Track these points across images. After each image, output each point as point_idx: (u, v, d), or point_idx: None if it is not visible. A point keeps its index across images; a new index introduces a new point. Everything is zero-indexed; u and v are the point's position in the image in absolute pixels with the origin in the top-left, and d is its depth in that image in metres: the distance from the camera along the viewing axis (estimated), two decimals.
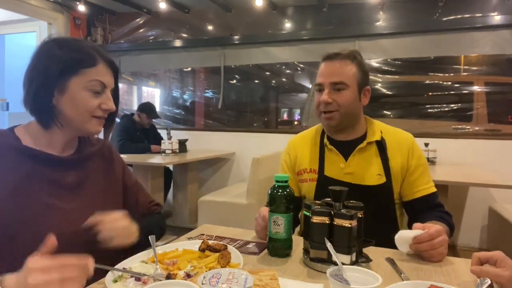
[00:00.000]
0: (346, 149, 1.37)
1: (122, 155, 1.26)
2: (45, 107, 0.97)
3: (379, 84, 3.96)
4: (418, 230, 1.02)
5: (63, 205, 0.97)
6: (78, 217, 0.98)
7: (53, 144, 1.01)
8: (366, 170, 1.34)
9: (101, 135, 1.14)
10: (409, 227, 1.37)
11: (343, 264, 0.82)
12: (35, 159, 0.96)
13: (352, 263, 0.93)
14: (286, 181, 1.04)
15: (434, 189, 1.37)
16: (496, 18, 3.43)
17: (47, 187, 0.96)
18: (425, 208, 1.33)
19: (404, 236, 1.03)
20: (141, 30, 4.87)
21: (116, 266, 0.89)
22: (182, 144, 4.00)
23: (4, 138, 0.96)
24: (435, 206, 1.34)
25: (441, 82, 3.78)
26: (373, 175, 1.33)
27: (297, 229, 1.47)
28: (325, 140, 1.40)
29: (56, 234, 0.72)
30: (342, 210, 0.95)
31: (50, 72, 0.94)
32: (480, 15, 3.51)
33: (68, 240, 0.81)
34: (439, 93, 3.80)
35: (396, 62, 3.90)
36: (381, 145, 1.36)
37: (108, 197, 1.10)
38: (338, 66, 1.33)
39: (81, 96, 0.96)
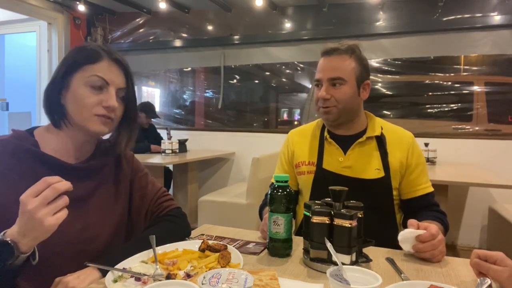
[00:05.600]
0: (346, 143, 1.37)
1: None
2: (54, 106, 0.98)
3: (379, 84, 3.96)
4: (420, 230, 1.02)
5: (70, 213, 0.96)
6: (83, 226, 0.99)
7: (67, 149, 1.01)
8: (364, 164, 1.34)
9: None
10: (403, 224, 1.38)
11: (343, 264, 0.82)
12: (49, 166, 0.96)
13: (352, 263, 0.93)
14: (286, 181, 1.03)
15: (432, 189, 1.38)
16: (496, 18, 3.43)
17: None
18: (423, 206, 1.34)
19: (407, 236, 1.03)
20: (141, 30, 4.87)
21: (116, 266, 0.89)
22: (182, 144, 4.00)
23: (22, 142, 0.96)
24: (432, 205, 1.35)
25: (441, 82, 3.78)
26: (371, 169, 1.33)
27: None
28: (326, 133, 1.40)
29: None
30: (342, 210, 0.95)
31: (58, 71, 0.97)
32: (480, 15, 3.51)
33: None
34: (439, 93, 3.80)
35: (396, 62, 3.90)
36: (380, 141, 1.36)
37: (115, 206, 1.09)
38: (336, 61, 1.32)
39: (80, 91, 0.96)
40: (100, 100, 0.97)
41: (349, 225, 0.92)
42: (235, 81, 4.73)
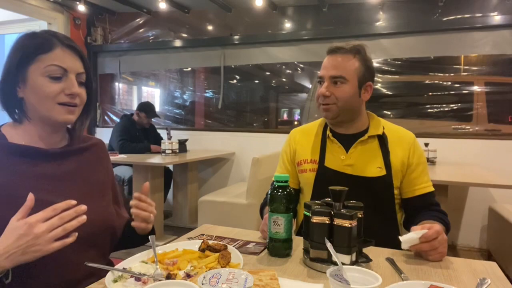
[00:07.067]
0: (348, 141, 1.38)
1: (122, 155, 1.26)
2: (11, 100, 0.97)
3: (379, 84, 3.96)
4: (423, 230, 1.02)
5: (51, 199, 0.91)
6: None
7: (42, 137, 1.00)
8: (366, 163, 1.35)
9: (103, 136, 1.13)
10: (405, 224, 1.39)
11: (343, 264, 0.82)
12: (21, 155, 0.95)
13: (352, 263, 0.93)
14: (286, 181, 1.04)
15: (432, 188, 1.38)
16: (496, 18, 3.43)
17: (35, 182, 0.94)
18: (423, 206, 1.35)
19: (411, 235, 1.02)
20: (141, 30, 4.87)
21: (116, 266, 0.89)
22: (182, 144, 4.00)
23: None
24: (432, 204, 1.36)
25: (441, 82, 3.78)
26: (373, 168, 1.34)
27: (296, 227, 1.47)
28: (328, 131, 1.42)
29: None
30: (342, 210, 0.95)
31: (10, 64, 0.95)
32: (480, 15, 3.51)
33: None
34: (439, 93, 3.80)
35: (396, 62, 3.90)
36: (382, 140, 1.37)
37: (97, 192, 1.07)
38: (339, 60, 1.34)
39: (39, 83, 0.94)
40: (62, 88, 0.95)
41: (349, 225, 0.92)
42: (235, 81, 4.73)
